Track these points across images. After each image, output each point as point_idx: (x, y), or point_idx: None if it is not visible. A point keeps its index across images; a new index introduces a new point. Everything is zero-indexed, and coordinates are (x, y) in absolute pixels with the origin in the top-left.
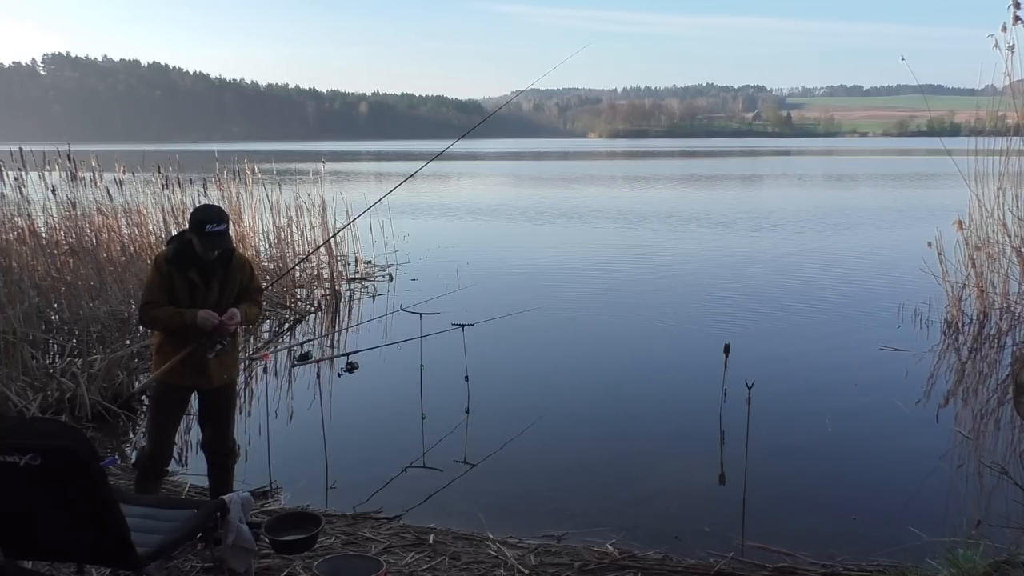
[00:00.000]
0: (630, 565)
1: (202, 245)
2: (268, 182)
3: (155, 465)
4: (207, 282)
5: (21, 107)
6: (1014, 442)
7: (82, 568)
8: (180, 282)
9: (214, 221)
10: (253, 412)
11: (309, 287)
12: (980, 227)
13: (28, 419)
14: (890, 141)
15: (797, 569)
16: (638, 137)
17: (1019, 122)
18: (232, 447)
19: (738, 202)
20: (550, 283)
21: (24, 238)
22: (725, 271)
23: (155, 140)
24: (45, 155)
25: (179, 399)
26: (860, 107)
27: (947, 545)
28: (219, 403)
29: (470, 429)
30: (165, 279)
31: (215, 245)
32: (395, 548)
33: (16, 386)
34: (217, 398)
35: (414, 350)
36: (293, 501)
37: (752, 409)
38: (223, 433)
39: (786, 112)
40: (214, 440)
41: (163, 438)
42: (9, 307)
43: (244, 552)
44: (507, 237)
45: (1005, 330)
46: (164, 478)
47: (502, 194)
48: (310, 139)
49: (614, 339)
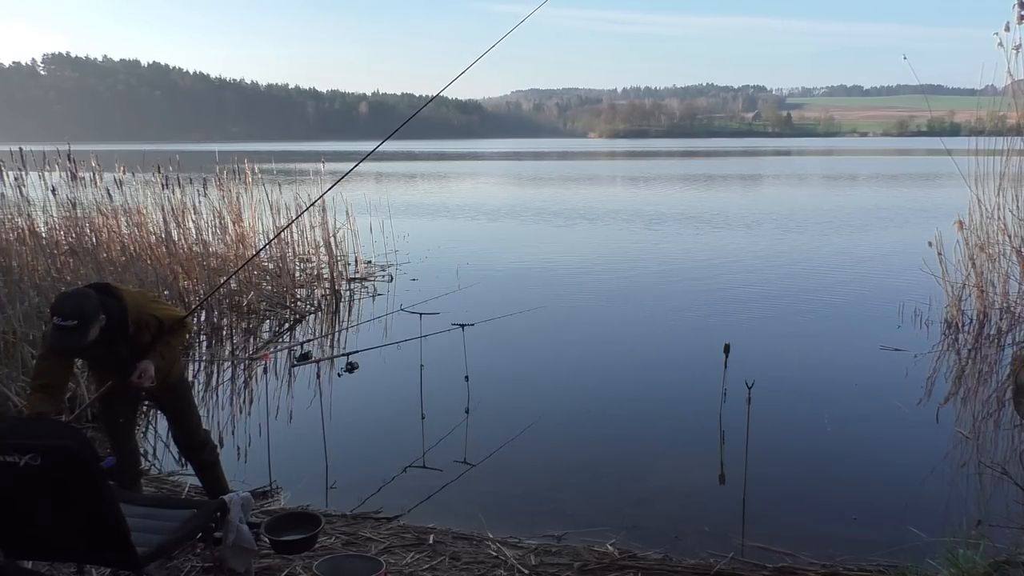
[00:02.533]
0: (630, 565)
1: (53, 337)
2: (268, 182)
3: (124, 471)
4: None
5: (21, 107)
6: (1014, 442)
7: (82, 568)
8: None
9: (61, 315)
10: (253, 412)
11: (309, 287)
12: (980, 227)
13: (28, 419)
14: (890, 141)
15: (797, 569)
16: (638, 137)
17: (1019, 122)
18: (202, 441)
19: (738, 202)
20: (550, 283)
21: (24, 238)
22: (725, 271)
23: (155, 140)
24: (45, 155)
25: (121, 404)
26: (860, 107)
27: (947, 545)
28: (170, 402)
29: (470, 429)
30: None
31: (62, 342)
32: (395, 548)
33: (16, 386)
34: (165, 398)
35: (414, 350)
36: (293, 501)
37: (752, 409)
38: (186, 429)
39: (786, 112)
40: (180, 437)
41: (120, 443)
42: (9, 307)
43: (244, 552)
44: (507, 237)
45: (1005, 330)
46: (140, 481)
47: (502, 194)
48: (310, 139)
49: (614, 339)
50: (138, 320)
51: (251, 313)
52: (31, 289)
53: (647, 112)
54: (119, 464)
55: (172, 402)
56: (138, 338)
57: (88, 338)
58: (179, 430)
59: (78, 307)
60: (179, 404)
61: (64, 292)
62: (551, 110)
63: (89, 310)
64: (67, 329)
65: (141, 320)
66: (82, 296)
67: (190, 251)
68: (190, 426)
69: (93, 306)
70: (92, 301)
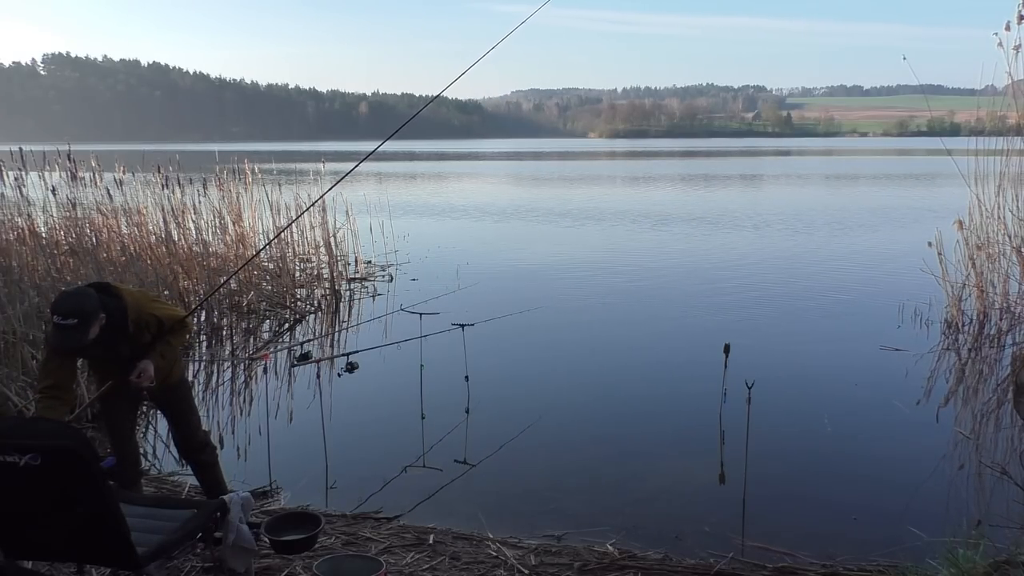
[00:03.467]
0: (630, 565)
1: (53, 336)
2: (268, 182)
3: (124, 470)
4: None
5: (21, 107)
6: (1014, 442)
7: (82, 568)
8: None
9: (61, 314)
10: (253, 412)
11: (309, 287)
12: (980, 227)
13: (28, 419)
14: (890, 141)
15: (797, 569)
16: (638, 137)
17: (1019, 122)
18: (202, 442)
19: (738, 202)
20: (550, 283)
21: (24, 238)
22: (724, 271)
23: (155, 140)
24: (45, 155)
25: (123, 402)
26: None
27: (947, 545)
28: (170, 402)
29: (470, 429)
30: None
31: (63, 341)
32: (395, 548)
33: (16, 386)
34: (166, 398)
35: (414, 350)
36: (293, 501)
37: (752, 409)
38: (186, 430)
39: (786, 112)
40: (180, 438)
41: (120, 443)
42: (9, 307)
43: (244, 552)
44: (507, 237)
45: (1005, 330)
46: (140, 480)
47: (502, 194)
48: (310, 139)
49: (614, 339)
50: (138, 319)
51: (251, 313)
52: (31, 289)
53: (647, 112)
54: (119, 464)
55: (173, 403)
56: (138, 337)
57: (88, 337)
58: (179, 431)
59: (78, 306)
60: (180, 405)
61: (64, 291)
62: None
63: (89, 309)
64: (67, 328)
65: (141, 319)
66: (82, 295)
67: (190, 251)
68: (190, 427)
69: (93, 305)
70: (92, 300)
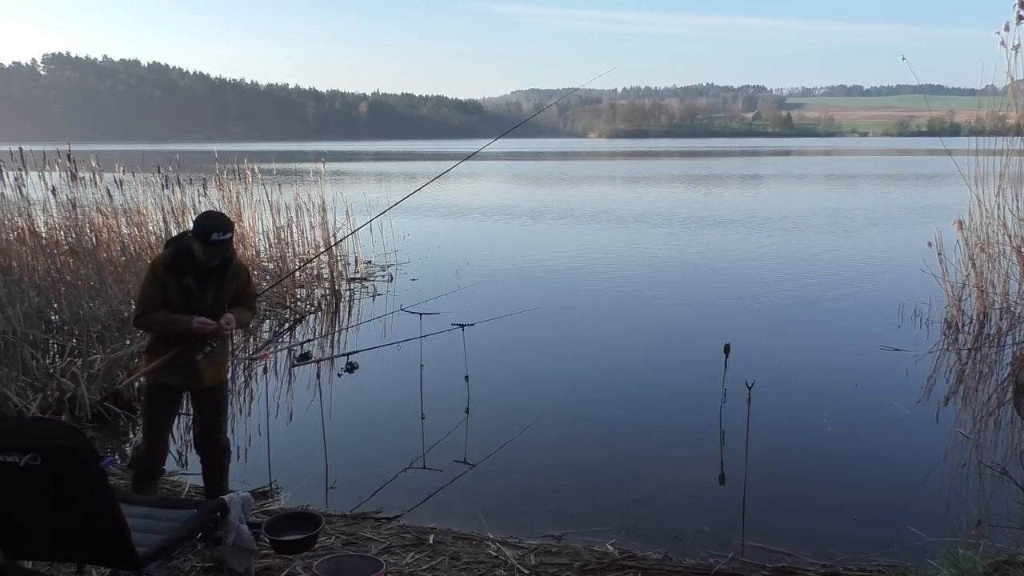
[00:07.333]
0: (630, 565)
1: (205, 253)
2: (268, 182)
3: (151, 464)
4: (203, 287)
5: (21, 107)
6: (1014, 442)
7: (82, 568)
8: (176, 287)
9: (220, 230)
10: (253, 412)
11: (309, 287)
12: (980, 227)
13: (28, 419)
14: (890, 141)
15: (797, 569)
16: (638, 137)
17: (1019, 122)
18: (225, 446)
19: (738, 202)
20: (550, 283)
21: (24, 238)
22: (725, 271)
23: (155, 140)
24: (45, 155)
25: (170, 398)
26: (860, 107)
27: (947, 545)
28: (210, 403)
29: (470, 429)
30: (161, 285)
31: (219, 254)
32: (395, 548)
33: (16, 386)
34: (208, 398)
35: (414, 350)
36: (293, 501)
37: (752, 409)
38: (215, 433)
39: (786, 112)
40: (206, 439)
41: (157, 437)
42: (9, 307)
43: (244, 552)
44: (507, 237)
45: (1005, 330)
46: (161, 477)
47: (502, 194)
48: (310, 139)
49: (614, 339)
50: (236, 266)
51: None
52: (31, 289)
53: (647, 112)
54: (149, 455)
55: (212, 403)
56: (228, 286)
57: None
58: (208, 431)
59: (229, 222)
60: (218, 405)
61: (208, 212)
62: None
63: (232, 226)
64: (226, 242)
65: (239, 266)
66: (225, 215)
67: None
68: (220, 429)
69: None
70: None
